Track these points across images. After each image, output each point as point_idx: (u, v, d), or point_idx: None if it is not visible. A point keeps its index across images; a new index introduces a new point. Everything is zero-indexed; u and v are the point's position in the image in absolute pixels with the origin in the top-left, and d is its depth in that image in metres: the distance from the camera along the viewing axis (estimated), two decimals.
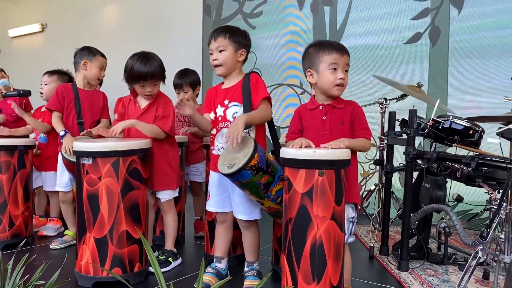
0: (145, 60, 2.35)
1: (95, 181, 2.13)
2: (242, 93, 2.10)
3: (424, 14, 3.86)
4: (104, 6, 6.50)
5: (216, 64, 2.13)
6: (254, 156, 1.85)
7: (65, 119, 2.82)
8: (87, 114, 2.83)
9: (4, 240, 2.73)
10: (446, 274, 2.41)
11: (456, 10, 3.71)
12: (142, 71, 2.32)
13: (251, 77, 2.13)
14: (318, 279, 1.66)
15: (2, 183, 2.77)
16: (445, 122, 2.48)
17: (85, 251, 2.16)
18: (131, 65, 2.36)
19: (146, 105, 2.43)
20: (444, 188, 2.53)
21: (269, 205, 2.04)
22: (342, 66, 1.86)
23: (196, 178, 3.19)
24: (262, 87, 2.12)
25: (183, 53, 5.21)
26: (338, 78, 1.84)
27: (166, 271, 2.37)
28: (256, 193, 1.97)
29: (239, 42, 2.12)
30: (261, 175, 1.89)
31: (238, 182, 1.95)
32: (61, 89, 2.82)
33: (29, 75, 6.16)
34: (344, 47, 1.89)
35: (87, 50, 2.85)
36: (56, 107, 2.79)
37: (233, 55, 2.12)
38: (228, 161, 1.91)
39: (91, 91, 2.90)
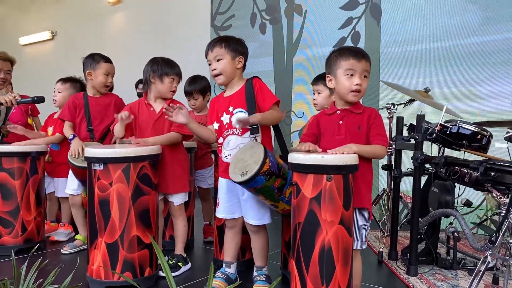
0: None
1: (106, 187, 2.16)
2: (246, 99, 2.13)
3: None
4: (113, 14, 6.59)
5: (215, 74, 2.17)
6: (266, 161, 1.87)
7: (78, 127, 2.91)
8: (96, 121, 2.90)
9: (17, 245, 2.77)
10: (455, 279, 2.41)
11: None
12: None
13: (254, 82, 2.16)
14: (327, 283, 1.67)
15: (15, 189, 2.81)
16: (453, 127, 2.48)
17: (97, 255, 2.19)
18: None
19: (160, 109, 2.46)
20: (452, 193, 2.53)
21: (284, 207, 2.05)
22: (360, 72, 1.84)
23: (202, 184, 3.22)
24: (268, 91, 2.15)
25: (192, 60, 5.25)
26: (354, 84, 1.83)
27: (176, 276, 2.39)
28: (271, 196, 1.99)
29: (235, 50, 2.16)
30: (274, 179, 1.91)
31: (252, 189, 1.97)
32: (72, 99, 2.94)
33: (40, 82, 6.25)
34: (363, 52, 1.87)
35: (91, 58, 2.90)
36: (67, 117, 2.91)
37: (231, 63, 2.15)
38: (239, 169, 1.93)
39: (102, 97, 2.95)
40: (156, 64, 2.46)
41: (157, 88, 2.47)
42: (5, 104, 3.12)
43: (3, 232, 2.80)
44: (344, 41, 4.25)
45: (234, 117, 2.14)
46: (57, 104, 3.28)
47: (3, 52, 3.48)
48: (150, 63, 2.49)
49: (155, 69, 2.45)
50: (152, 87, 2.48)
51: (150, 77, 2.45)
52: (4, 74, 3.41)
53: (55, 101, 3.28)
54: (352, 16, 4.19)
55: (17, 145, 2.93)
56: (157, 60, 2.49)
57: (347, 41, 4.22)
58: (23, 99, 3.17)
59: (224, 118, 2.19)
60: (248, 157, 1.94)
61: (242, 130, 2.13)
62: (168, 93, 2.49)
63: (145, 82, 2.50)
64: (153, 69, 2.45)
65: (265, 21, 4.93)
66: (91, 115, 2.89)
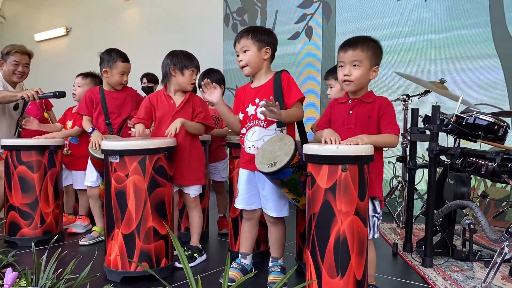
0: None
1: (122, 179, 2.19)
2: (274, 92, 2.13)
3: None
4: (126, 10, 6.63)
5: (242, 65, 2.17)
6: (296, 154, 1.88)
7: (95, 121, 2.96)
8: (114, 114, 2.95)
9: (36, 237, 2.82)
10: (471, 271, 2.40)
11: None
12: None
13: (283, 76, 2.16)
14: (342, 273, 1.68)
15: (34, 182, 2.87)
16: (469, 117, 2.46)
17: (114, 246, 2.22)
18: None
19: (181, 102, 2.49)
20: (468, 184, 2.51)
21: (305, 202, 2.06)
22: (348, 62, 1.89)
23: (216, 177, 3.25)
24: (295, 87, 2.15)
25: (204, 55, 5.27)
26: (343, 75, 1.90)
27: (192, 267, 2.42)
28: (295, 190, 1.99)
29: (261, 40, 2.15)
30: (301, 173, 1.92)
31: (278, 180, 1.97)
32: (88, 94, 2.98)
33: (55, 78, 6.35)
34: (350, 42, 1.91)
35: (107, 56, 2.90)
36: (85, 111, 2.96)
37: (257, 54, 2.15)
38: (268, 159, 1.93)
39: (118, 91, 2.99)
40: (176, 57, 2.48)
41: (177, 81, 2.49)
42: (27, 98, 3.19)
43: (23, 224, 2.86)
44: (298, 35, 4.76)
45: (251, 108, 2.15)
46: (76, 98, 3.33)
47: (22, 45, 3.54)
48: (170, 56, 2.50)
49: (175, 62, 2.46)
50: (172, 80, 2.49)
51: (170, 70, 2.47)
52: (23, 67, 3.47)
53: (74, 95, 3.33)
54: (307, 13, 4.68)
55: (36, 138, 2.98)
56: (176, 53, 2.50)
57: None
58: (45, 94, 3.22)
59: (249, 109, 2.19)
60: (277, 149, 1.94)
61: (267, 123, 2.13)
62: (188, 85, 2.51)
63: (164, 75, 2.51)
64: (173, 62, 2.46)
65: (236, 22, 5.27)
66: (108, 109, 2.93)
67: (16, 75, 3.45)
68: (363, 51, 1.88)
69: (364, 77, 1.90)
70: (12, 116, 3.64)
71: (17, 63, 3.42)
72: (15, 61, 3.41)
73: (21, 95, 3.19)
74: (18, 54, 3.43)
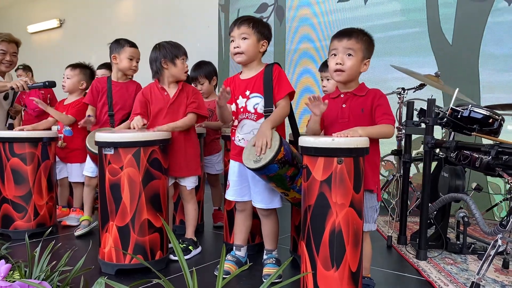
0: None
1: (117, 171, 2.18)
2: (264, 84, 2.12)
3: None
4: (120, 1, 6.57)
5: (237, 51, 2.13)
6: (281, 150, 1.88)
7: (99, 111, 2.93)
8: (118, 106, 2.90)
9: (30, 229, 2.80)
10: (465, 263, 2.41)
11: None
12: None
13: (274, 68, 2.14)
14: (337, 265, 1.68)
15: (27, 174, 2.84)
16: (464, 111, 2.46)
17: (108, 239, 2.21)
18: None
19: (174, 93, 2.47)
20: (463, 177, 2.52)
21: (294, 195, 2.06)
22: (341, 50, 1.86)
23: (210, 170, 3.23)
24: (286, 80, 2.14)
25: (200, 46, 5.24)
26: (335, 64, 1.87)
27: (187, 259, 2.41)
28: (282, 185, 1.99)
29: (262, 33, 2.14)
30: (287, 168, 1.91)
31: (264, 176, 1.97)
32: (95, 83, 2.95)
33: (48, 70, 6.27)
34: (346, 31, 1.90)
35: (116, 43, 2.88)
36: (90, 101, 2.93)
37: (255, 45, 2.13)
38: (253, 155, 1.93)
39: (124, 82, 2.94)
40: (164, 49, 2.44)
41: (170, 73, 2.45)
42: (16, 88, 3.16)
43: (16, 216, 2.84)
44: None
45: (241, 125, 2.17)
46: (66, 90, 3.29)
47: (8, 33, 3.48)
48: (157, 50, 2.46)
49: (165, 54, 2.43)
50: (165, 73, 2.45)
51: (162, 63, 2.44)
52: (10, 56, 3.43)
53: (64, 87, 3.30)
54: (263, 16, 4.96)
55: (29, 130, 2.96)
56: (163, 45, 2.46)
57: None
58: (34, 84, 3.19)
59: (240, 101, 2.18)
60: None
61: (257, 116, 2.13)
62: (182, 74, 2.49)
63: (156, 71, 2.47)
64: (163, 54, 2.43)
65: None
66: (112, 100, 2.89)
67: (4, 64, 3.42)
68: (358, 42, 1.87)
69: (356, 67, 1.88)
70: (2, 106, 3.61)
71: (4, 52, 3.38)
72: (2, 50, 3.37)
73: (11, 85, 3.15)
74: (5, 43, 3.38)
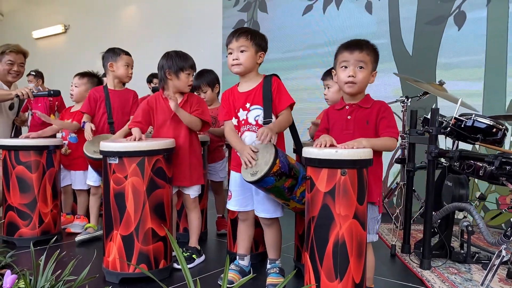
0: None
1: (121, 180, 2.19)
2: (263, 96, 2.13)
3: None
4: (125, 7, 6.61)
5: (236, 63, 2.16)
6: (276, 163, 1.89)
7: (98, 119, 2.96)
8: (117, 114, 2.94)
9: (34, 237, 2.82)
10: (469, 273, 2.40)
11: None
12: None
13: (273, 80, 2.16)
14: (340, 276, 1.68)
15: (32, 182, 2.86)
16: (467, 120, 2.46)
17: (112, 248, 2.22)
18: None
19: (179, 103, 2.47)
20: (466, 187, 2.52)
21: (295, 205, 2.07)
22: (353, 63, 1.86)
23: (214, 177, 3.24)
24: (285, 92, 2.16)
25: (203, 52, 5.27)
26: (347, 76, 1.87)
27: (191, 268, 2.42)
28: (281, 196, 2.00)
29: (259, 45, 2.16)
30: (285, 179, 1.92)
31: (262, 188, 1.99)
32: (92, 93, 2.99)
33: (53, 76, 6.32)
34: (356, 43, 1.89)
35: (111, 52, 2.94)
36: (85, 109, 2.96)
37: (253, 57, 2.15)
38: (251, 168, 1.95)
39: (121, 90, 2.99)
40: (170, 59, 2.45)
41: (173, 84, 2.47)
42: (21, 96, 3.20)
43: (21, 224, 2.86)
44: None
45: (242, 114, 2.17)
46: (74, 98, 3.32)
47: (16, 44, 3.54)
48: (164, 59, 2.48)
49: (170, 65, 2.44)
50: (169, 83, 2.47)
51: (166, 73, 2.45)
52: (18, 66, 3.48)
53: (72, 96, 3.32)
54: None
55: (35, 138, 2.98)
56: (171, 55, 2.47)
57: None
58: (39, 92, 3.22)
59: (240, 114, 2.19)
60: (260, 157, 1.96)
61: (258, 127, 2.13)
62: (186, 88, 2.50)
63: (161, 79, 2.49)
64: (168, 65, 2.44)
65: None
66: (111, 108, 2.93)
67: (11, 74, 3.46)
68: (368, 54, 1.87)
69: (366, 80, 1.89)
70: (8, 115, 3.64)
71: (12, 62, 3.43)
72: (10, 60, 3.42)
73: (16, 93, 3.20)
74: (13, 54, 3.43)
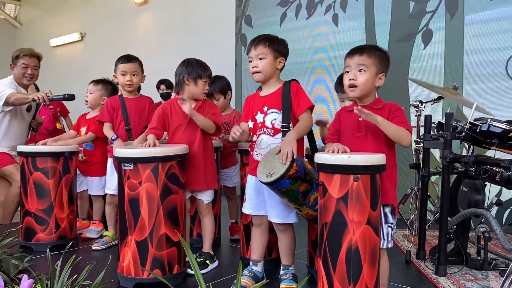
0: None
1: (136, 186, 2.22)
2: (282, 101, 2.15)
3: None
4: (139, 14, 6.70)
5: (255, 71, 2.18)
6: (293, 166, 1.89)
7: (116, 127, 2.98)
8: (134, 121, 2.95)
9: (51, 242, 2.86)
10: (486, 280, 2.37)
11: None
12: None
13: (292, 85, 2.18)
14: (354, 283, 1.67)
15: (49, 187, 2.91)
16: (483, 125, 2.43)
17: (127, 253, 2.24)
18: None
19: (194, 108, 2.50)
20: (482, 192, 2.48)
21: (307, 211, 2.07)
22: (353, 67, 1.89)
23: (227, 183, 3.26)
24: (304, 96, 2.17)
25: (217, 59, 5.31)
26: (347, 80, 1.90)
27: (204, 273, 2.42)
28: (295, 200, 2.00)
29: (278, 50, 2.18)
30: (300, 184, 1.92)
31: (277, 190, 1.99)
32: (109, 101, 3.01)
33: (70, 83, 6.44)
34: (357, 48, 1.93)
35: (115, 63, 2.99)
36: (106, 118, 2.98)
37: (272, 63, 2.17)
38: (267, 169, 1.95)
39: (137, 97, 3.01)
40: (191, 66, 2.49)
41: (190, 90, 2.50)
42: (37, 100, 3.27)
43: (38, 229, 2.90)
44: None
45: (259, 116, 2.18)
46: (88, 105, 3.37)
47: (30, 48, 3.65)
48: (184, 65, 2.51)
49: (190, 71, 2.48)
50: (185, 88, 2.50)
51: (184, 79, 2.48)
52: (32, 69, 3.58)
53: (87, 102, 3.38)
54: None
55: (51, 145, 3.03)
56: (191, 62, 2.51)
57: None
58: (55, 96, 3.28)
59: (258, 117, 2.21)
60: (277, 159, 1.96)
61: (274, 131, 2.15)
62: (201, 95, 2.53)
63: (178, 83, 2.53)
64: (188, 71, 2.48)
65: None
66: (128, 115, 2.95)
67: (26, 77, 3.58)
68: (370, 57, 1.89)
69: (369, 82, 1.89)
70: (24, 118, 3.72)
71: (26, 65, 3.53)
72: (24, 64, 3.53)
73: (33, 97, 3.27)
74: (27, 57, 3.55)
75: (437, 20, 3.89)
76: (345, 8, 4.48)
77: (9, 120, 3.59)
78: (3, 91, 3.41)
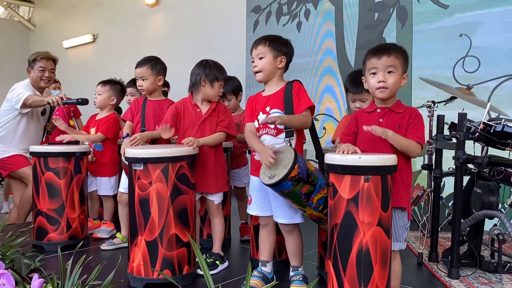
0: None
1: (146, 186, 2.22)
2: (284, 100, 2.14)
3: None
4: (151, 16, 6.73)
5: (256, 70, 2.20)
6: (295, 168, 1.88)
7: (134, 127, 2.97)
8: (150, 123, 2.91)
9: (62, 241, 2.88)
10: (500, 283, 2.32)
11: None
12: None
13: (294, 85, 2.17)
14: (364, 285, 1.65)
15: (61, 188, 2.93)
16: (497, 125, 2.39)
17: (137, 253, 2.25)
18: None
19: (207, 111, 2.51)
20: (497, 194, 2.44)
21: (311, 212, 2.06)
22: (382, 68, 1.85)
23: (237, 183, 3.26)
24: (304, 95, 2.16)
25: (228, 60, 5.31)
26: (377, 82, 1.85)
27: (214, 274, 2.42)
28: (298, 201, 1.99)
29: (278, 49, 2.17)
30: (302, 185, 1.91)
31: (279, 192, 1.98)
32: (134, 102, 3.03)
33: (83, 84, 6.48)
34: (385, 48, 1.88)
35: None
36: (127, 117, 2.99)
37: (272, 62, 2.17)
38: (269, 171, 1.95)
39: (158, 100, 2.97)
40: (208, 68, 2.49)
41: (205, 91, 2.50)
42: (52, 103, 3.32)
43: (50, 229, 2.93)
44: None
45: (262, 117, 2.17)
46: (97, 106, 3.39)
47: (47, 51, 3.70)
48: (202, 66, 2.51)
49: (208, 73, 2.47)
50: (200, 89, 2.50)
51: (201, 80, 2.48)
52: (49, 72, 3.63)
53: (95, 103, 3.40)
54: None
55: (63, 145, 3.06)
56: (209, 64, 2.51)
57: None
58: (69, 100, 3.32)
59: (260, 117, 2.21)
60: (279, 161, 1.96)
61: (276, 131, 2.14)
62: (215, 97, 2.54)
63: (194, 84, 2.52)
64: (205, 72, 2.48)
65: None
66: (145, 117, 2.93)
67: (44, 80, 3.63)
68: (397, 58, 1.85)
69: (397, 83, 1.87)
70: (39, 121, 3.78)
71: (43, 69, 3.59)
72: (42, 67, 3.58)
73: (47, 100, 3.31)
74: (44, 60, 3.60)
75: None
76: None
77: (26, 123, 3.65)
78: (21, 93, 3.46)
